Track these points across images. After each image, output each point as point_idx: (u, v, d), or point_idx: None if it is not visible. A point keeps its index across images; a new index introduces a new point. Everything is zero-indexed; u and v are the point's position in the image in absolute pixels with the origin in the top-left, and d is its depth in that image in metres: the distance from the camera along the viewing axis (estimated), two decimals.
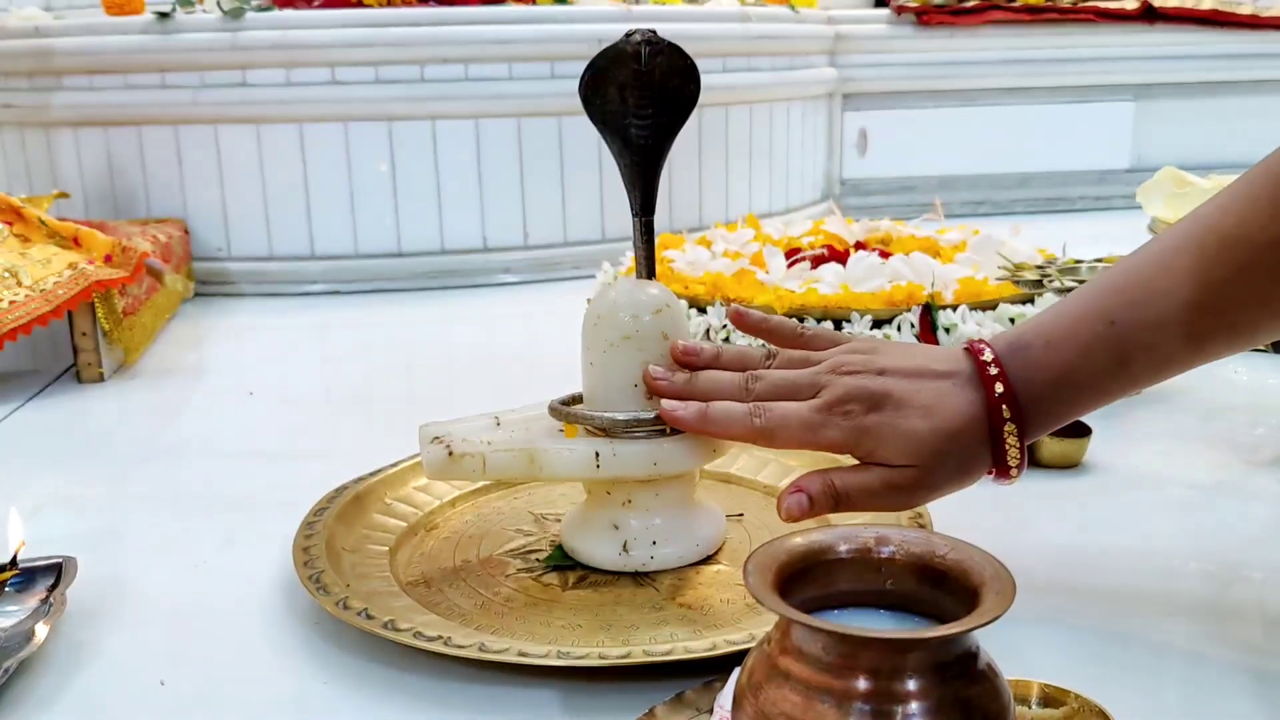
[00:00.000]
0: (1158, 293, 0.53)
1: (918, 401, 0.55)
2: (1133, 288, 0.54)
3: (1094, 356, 0.54)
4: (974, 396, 0.55)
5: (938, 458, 0.55)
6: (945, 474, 0.55)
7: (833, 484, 0.55)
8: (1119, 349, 0.54)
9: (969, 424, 0.55)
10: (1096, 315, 0.54)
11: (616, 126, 0.61)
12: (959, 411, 0.55)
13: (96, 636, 0.58)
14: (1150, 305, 0.53)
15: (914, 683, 0.33)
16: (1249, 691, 0.51)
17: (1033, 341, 0.55)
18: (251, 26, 1.48)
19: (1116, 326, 0.54)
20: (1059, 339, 0.55)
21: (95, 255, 1.12)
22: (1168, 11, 2.14)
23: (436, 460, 0.60)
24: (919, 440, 0.54)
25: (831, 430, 0.55)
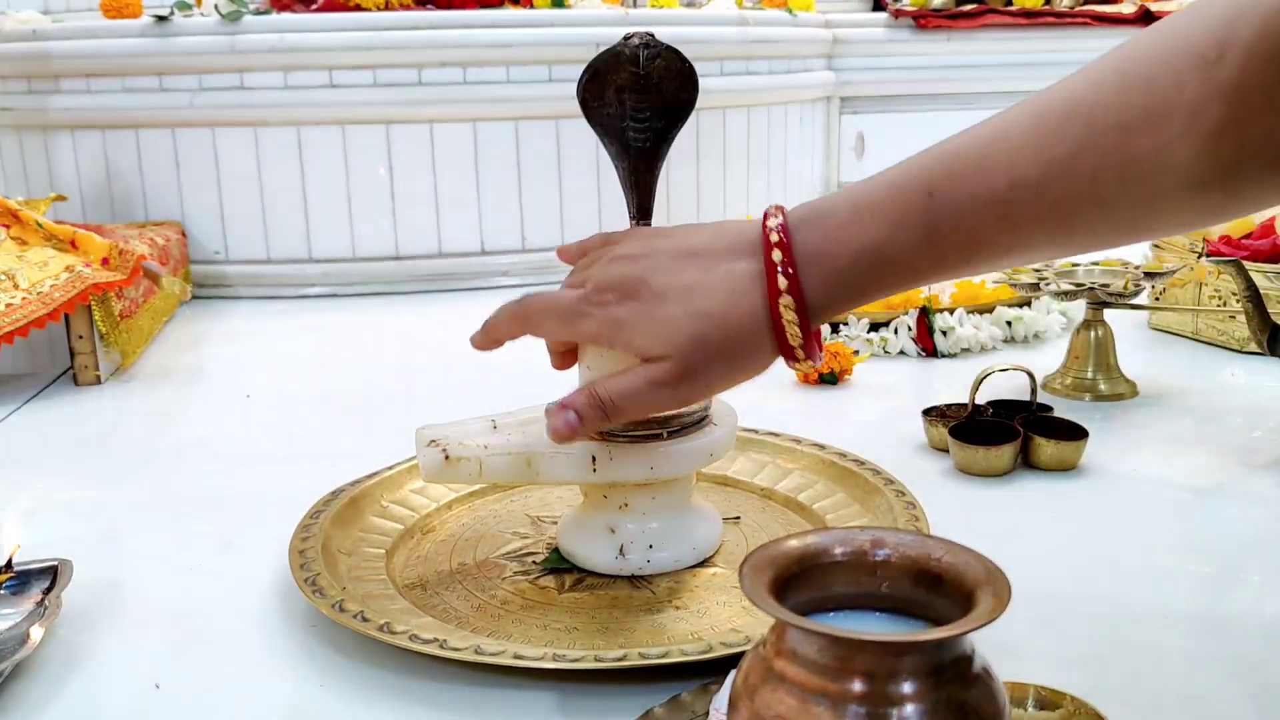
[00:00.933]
0: (984, 162, 0.48)
1: (677, 283, 0.51)
2: (958, 159, 0.49)
3: (905, 230, 0.49)
4: (747, 269, 0.50)
5: (696, 343, 0.50)
6: (710, 360, 0.50)
7: (596, 394, 0.52)
8: (931, 222, 0.48)
9: (736, 301, 0.50)
10: (918, 184, 0.49)
11: (614, 130, 0.61)
12: (724, 288, 0.50)
13: (92, 639, 0.58)
14: (973, 175, 0.48)
15: (909, 685, 0.33)
16: (1245, 695, 0.51)
17: (837, 208, 0.50)
18: (249, 30, 1.48)
19: (935, 199, 0.48)
20: (868, 208, 0.49)
21: (92, 258, 1.11)
22: (1164, 16, 2.14)
23: (433, 464, 0.60)
24: (672, 326, 0.50)
25: (587, 322, 0.52)
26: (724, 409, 0.65)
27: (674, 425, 0.61)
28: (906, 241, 0.49)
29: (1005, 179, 0.47)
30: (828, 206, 0.51)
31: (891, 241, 0.49)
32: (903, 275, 0.50)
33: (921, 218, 0.48)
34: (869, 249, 0.49)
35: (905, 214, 0.49)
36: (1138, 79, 0.46)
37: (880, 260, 0.49)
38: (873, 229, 0.49)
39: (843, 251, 0.49)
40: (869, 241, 0.49)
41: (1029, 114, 0.48)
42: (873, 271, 0.50)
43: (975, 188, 0.48)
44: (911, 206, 0.48)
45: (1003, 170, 0.47)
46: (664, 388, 0.51)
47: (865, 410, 0.97)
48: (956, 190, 0.48)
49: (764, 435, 0.79)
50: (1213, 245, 1.15)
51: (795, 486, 0.74)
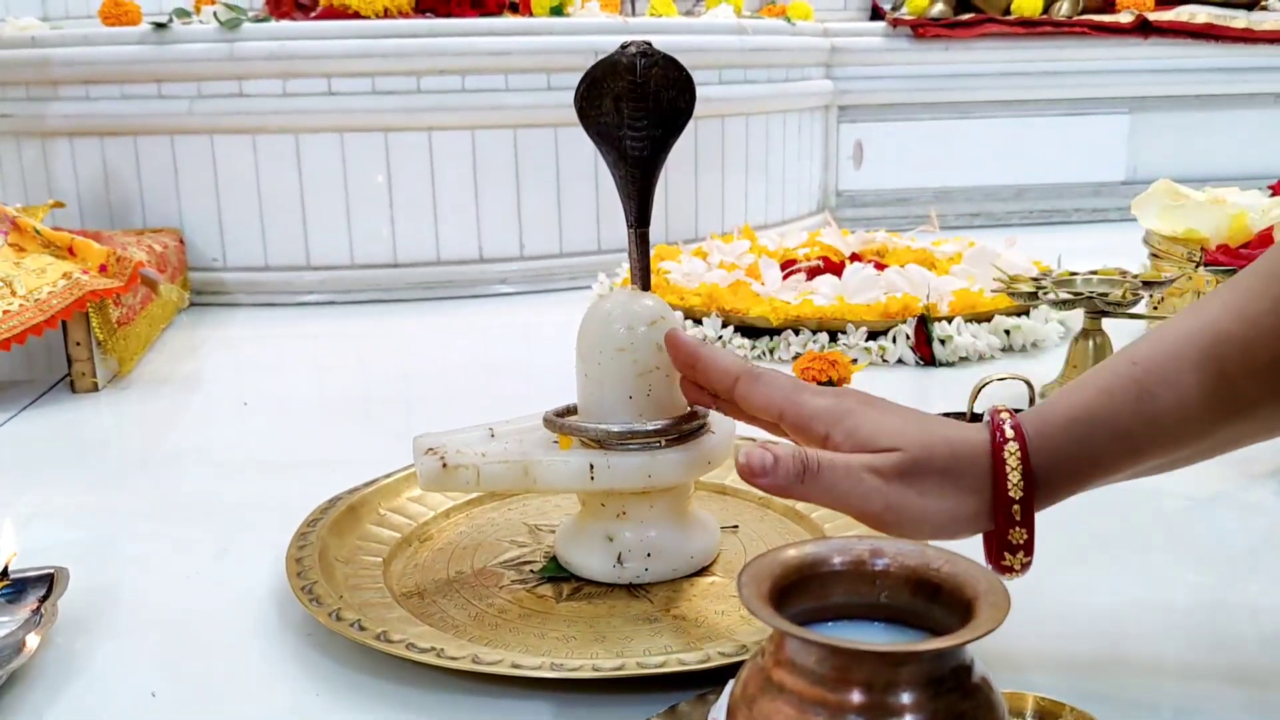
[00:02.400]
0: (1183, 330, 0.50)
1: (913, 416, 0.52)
2: (1159, 330, 0.52)
3: (1113, 396, 0.50)
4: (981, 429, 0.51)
5: (926, 450, 0.49)
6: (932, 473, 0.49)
7: (805, 452, 0.49)
8: (1139, 386, 0.49)
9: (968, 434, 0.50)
10: (1123, 358, 0.51)
11: (612, 138, 0.61)
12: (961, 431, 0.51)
13: (88, 647, 0.58)
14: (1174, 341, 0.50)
15: (908, 696, 0.33)
16: (1243, 704, 0.51)
17: (1054, 398, 0.52)
18: (248, 37, 1.49)
19: (1138, 365, 0.50)
20: (1077, 385, 0.52)
21: (90, 265, 1.11)
22: (1162, 25, 2.15)
23: (431, 472, 0.60)
24: (905, 426, 0.50)
25: (815, 398, 0.52)
26: (721, 418, 0.65)
27: (672, 433, 0.60)
28: (1117, 405, 0.50)
29: (1209, 338, 0.49)
30: (1046, 400, 0.52)
31: (1103, 406, 0.50)
32: (1121, 442, 0.50)
33: (1129, 382, 0.50)
34: (1081, 414, 0.50)
35: (1112, 380, 0.50)
36: None
37: (1092, 424, 0.50)
38: (1081, 396, 0.51)
39: (1057, 418, 0.50)
40: (1080, 407, 0.50)
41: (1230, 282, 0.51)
42: (1089, 436, 0.50)
43: (1178, 349, 0.50)
44: (1118, 374, 0.50)
45: (1204, 332, 0.49)
46: (878, 476, 0.49)
47: None
48: (1159, 353, 0.50)
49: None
50: (1211, 254, 1.15)
51: None
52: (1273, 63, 2.19)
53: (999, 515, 0.49)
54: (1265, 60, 2.18)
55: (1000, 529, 0.49)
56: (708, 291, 1.24)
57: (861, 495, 0.49)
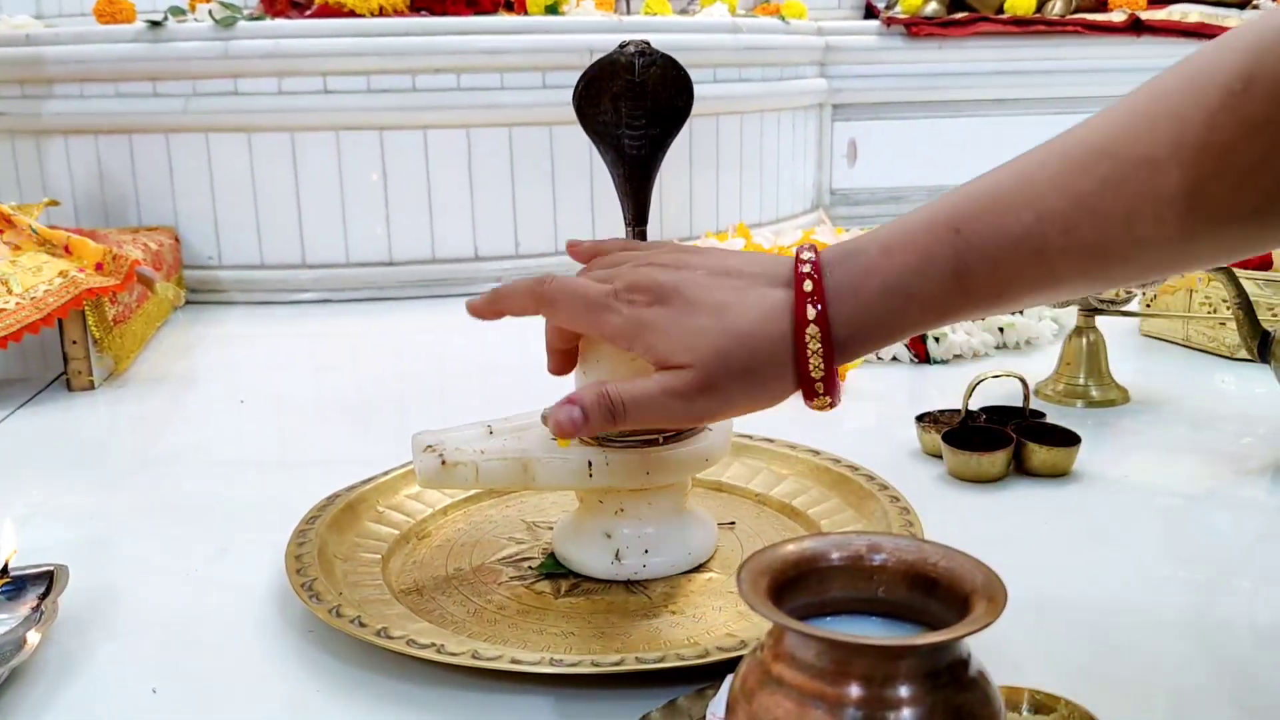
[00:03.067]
0: (1012, 199, 0.47)
1: (710, 299, 0.50)
2: (986, 196, 0.48)
3: (933, 265, 0.48)
4: (779, 297, 0.49)
5: (720, 358, 0.49)
6: (731, 379, 0.49)
7: (607, 393, 0.50)
8: (959, 258, 0.47)
9: (765, 325, 0.49)
10: (943, 222, 0.48)
11: (610, 137, 0.62)
12: (756, 310, 0.49)
13: (88, 645, 0.58)
14: (1001, 214, 0.47)
15: (906, 689, 0.33)
16: (1237, 700, 0.51)
17: (866, 247, 0.50)
18: (243, 35, 1.49)
19: (961, 234, 0.47)
20: (896, 245, 0.49)
21: (86, 263, 1.11)
22: (1155, 25, 2.15)
23: (429, 469, 0.60)
24: (699, 336, 0.49)
25: (612, 317, 0.51)
26: None
27: (670, 431, 0.61)
28: (934, 276, 0.48)
29: (1032, 214, 0.47)
30: (859, 246, 0.50)
31: (920, 275, 0.48)
32: (932, 312, 0.49)
33: (949, 253, 0.48)
34: (896, 285, 0.48)
35: (932, 249, 0.48)
36: (1165, 114, 0.46)
37: (908, 296, 0.48)
38: (899, 264, 0.48)
39: (871, 287, 0.49)
40: (896, 277, 0.48)
41: (1056, 151, 0.48)
42: (901, 308, 0.49)
43: (1003, 222, 0.47)
44: (939, 241, 0.48)
45: (1029, 206, 0.47)
46: (679, 398, 0.49)
47: (859, 416, 0.98)
48: (983, 226, 0.47)
49: (758, 441, 0.80)
50: None
51: (790, 492, 0.74)
52: None
53: (802, 386, 0.51)
54: None
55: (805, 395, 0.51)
56: None
57: (668, 418, 0.50)
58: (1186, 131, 0.44)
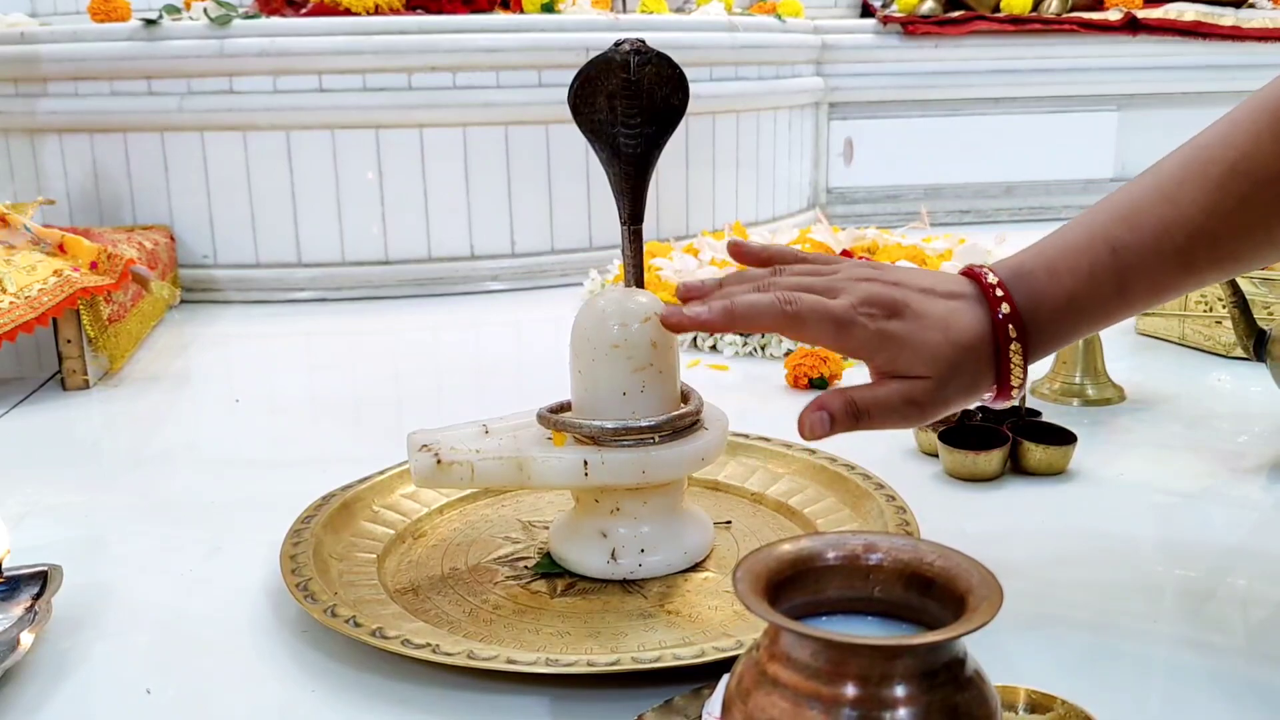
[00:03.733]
0: (1161, 221, 0.54)
1: (934, 314, 0.55)
2: (1136, 215, 0.55)
3: (1096, 284, 0.55)
4: (981, 314, 0.55)
5: (953, 370, 0.54)
6: (957, 388, 0.55)
7: (853, 401, 0.54)
8: (1120, 276, 0.55)
9: (979, 340, 0.55)
10: (1101, 242, 0.55)
11: (605, 135, 0.62)
12: (970, 327, 0.55)
13: (82, 645, 0.58)
14: (1153, 233, 0.54)
15: (902, 689, 0.33)
16: (1232, 697, 0.51)
17: (1034, 268, 0.56)
18: (238, 34, 1.48)
19: (1118, 254, 0.55)
20: (1062, 267, 0.56)
21: (81, 262, 1.11)
22: (1151, 23, 2.15)
23: (425, 468, 0.60)
24: (937, 350, 0.54)
25: (859, 330, 0.54)
26: (715, 413, 0.65)
27: (666, 429, 0.61)
28: (1099, 294, 0.55)
29: (1183, 234, 0.54)
30: (1026, 267, 0.57)
31: (1087, 295, 0.55)
32: (1099, 321, 0.57)
33: (1110, 274, 0.55)
34: (1069, 305, 0.56)
35: (1095, 272, 0.55)
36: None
37: (1078, 311, 0.56)
38: (1068, 287, 0.55)
39: (1048, 309, 0.55)
40: (1067, 298, 0.55)
41: (1195, 170, 0.55)
42: (1073, 320, 0.56)
43: (1158, 244, 0.54)
44: (1100, 264, 0.55)
45: (1180, 226, 0.54)
46: (915, 405, 0.55)
47: None
48: (1139, 246, 0.55)
49: (754, 440, 0.80)
50: None
51: (786, 491, 0.74)
52: (1260, 60, 2.20)
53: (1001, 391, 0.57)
54: (1253, 58, 2.19)
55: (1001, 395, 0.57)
56: None
57: (906, 422, 0.56)
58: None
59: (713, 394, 0.67)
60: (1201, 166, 0.54)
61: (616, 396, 0.60)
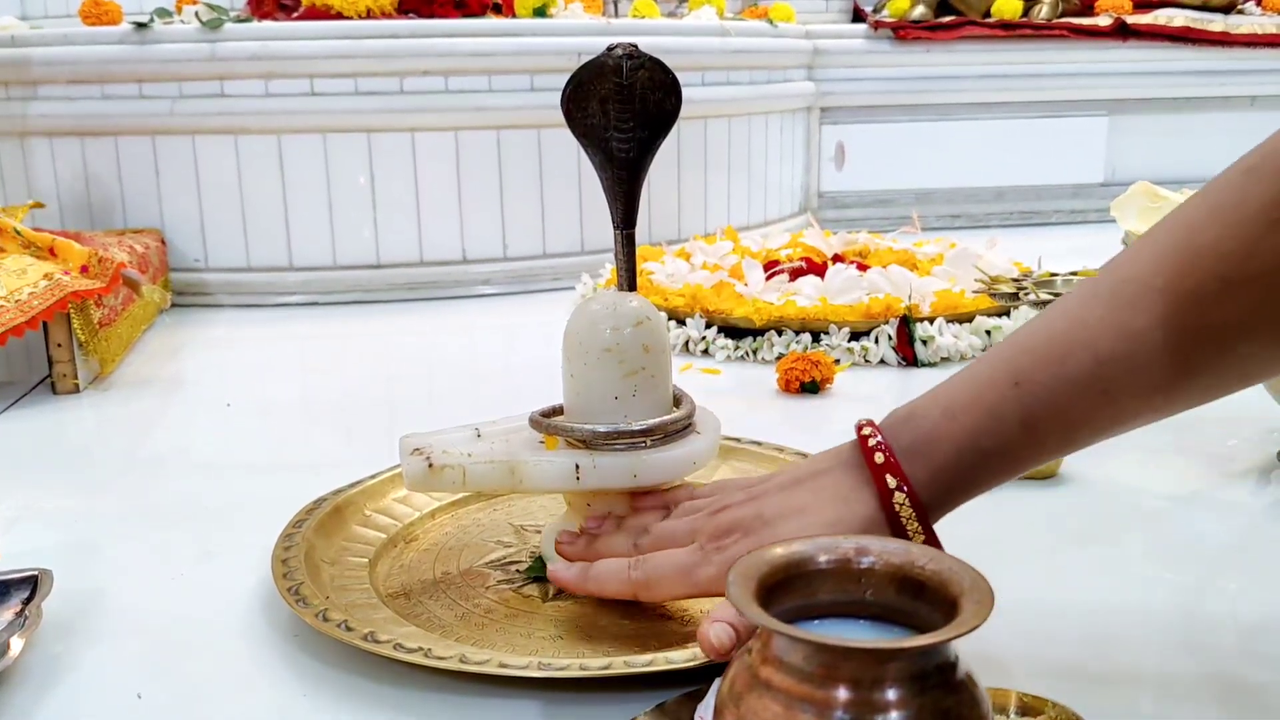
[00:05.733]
0: (1069, 349, 0.48)
1: (789, 507, 0.52)
2: (1041, 345, 0.49)
3: (999, 421, 0.49)
4: (855, 479, 0.52)
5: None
6: None
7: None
8: (1025, 411, 0.49)
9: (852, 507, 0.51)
10: (1003, 377, 0.49)
11: (598, 140, 0.62)
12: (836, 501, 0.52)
13: (73, 650, 0.58)
14: (1060, 362, 0.48)
15: (894, 692, 0.33)
16: (1222, 701, 0.51)
17: (927, 411, 0.52)
18: (230, 37, 1.48)
19: (1022, 387, 0.49)
20: (959, 406, 0.50)
21: (71, 266, 1.11)
22: (1141, 29, 2.16)
23: (417, 472, 0.60)
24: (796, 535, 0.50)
25: (707, 568, 0.53)
26: (707, 417, 0.65)
27: (658, 433, 0.61)
28: (1004, 432, 0.49)
29: (1091, 357, 0.48)
30: (917, 410, 0.52)
31: (990, 434, 0.49)
32: (1006, 464, 0.50)
33: (1014, 407, 0.49)
34: (967, 445, 0.50)
35: (997, 406, 0.49)
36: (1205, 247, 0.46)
37: (980, 453, 0.50)
38: (967, 425, 0.50)
39: (942, 450, 0.50)
40: (966, 437, 0.50)
41: (1104, 290, 0.49)
42: (975, 465, 0.50)
43: (1063, 369, 0.48)
44: (1002, 398, 0.49)
45: (1087, 348, 0.48)
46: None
47: (847, 419, 0.97)
48: (1044, 376, 0.48)
49: (746, 444, 0.80)
50: None
51: None
52: (1249, 65, 2.21)
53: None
54: (1242, 63, 2.21)
55: None
56: (691, 292, 1.24)
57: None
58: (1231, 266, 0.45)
59: (705, 398, 0.67)
60: (1111, 285, 0.49)
61: (609, 400, 0.61)
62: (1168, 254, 0.47)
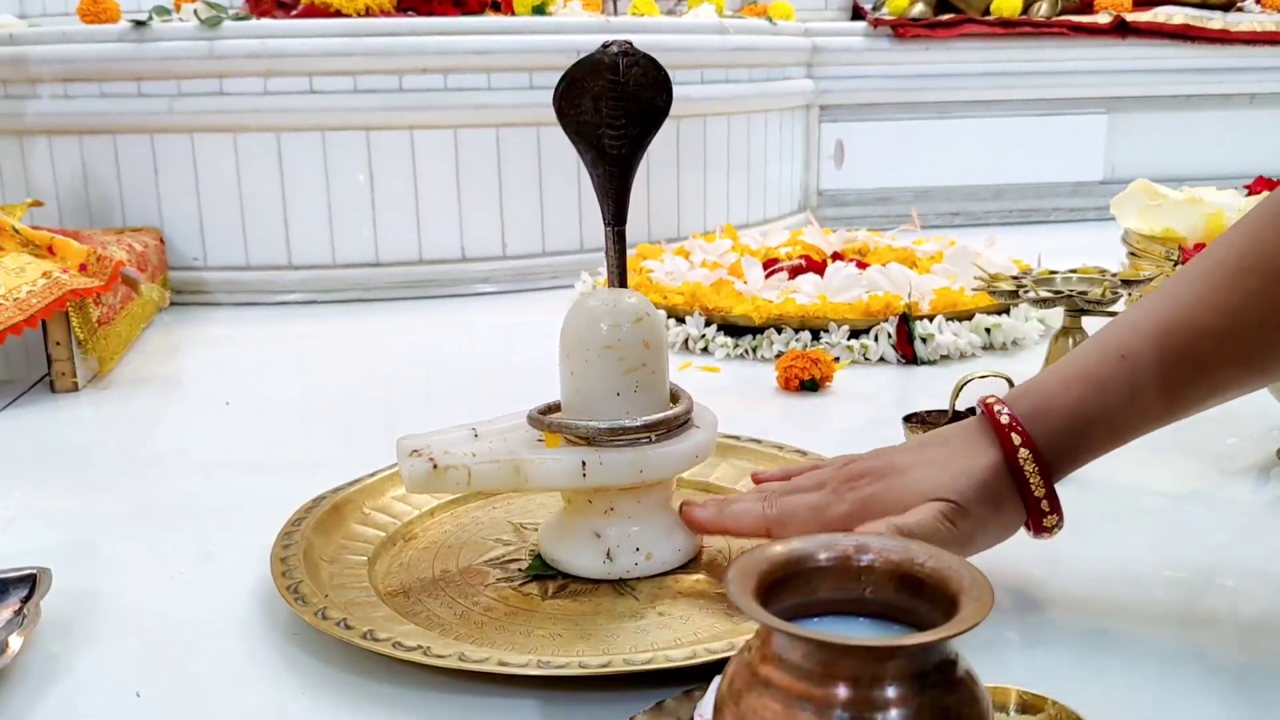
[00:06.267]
0: (1164, 322, 0.54)
1: (921, 460, 0.56)
2: (1144, 320, 0.55)
3: (1107, 391, 0.54)
4: (982, 438, 0.56)
5: (960, 492, 0.54)
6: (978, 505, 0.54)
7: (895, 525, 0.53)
8: (1130, 382, 0.54)
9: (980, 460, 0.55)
10: (1112, 351, 0.55)
11: (590, 137, 0.62)
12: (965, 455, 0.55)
13: (71, 649, 0.58)
14: (1155, 334, 0.53)
15: (893, 690, 0.33)
16: (1222, 697, 0.51)
17: (1044, 381, 0.56)
18: (229, 35, 1.48)
19: (1128, 360, 0.54)
20: (1073, 376, 0.55)
21: (70, 264, 1.11)
22: (1140, 26, 2.16)
23: (419, 473, 0.60)
24: (931, 480, 0.55)
25: (839, 505, 0.56)
26: (704, 413, 0.65)
27: (659, 429, 0.61)
28: (1111, 402, 0.54)
29: (1191, 332, 0.53)
30: (1036, 383, 0.57)
31: (1097, 403, 0.54)
32: (1116, 431, 0.55)
33: (1120, 379, 0.54)
34: (1077, 412, 0.55)
35: (1105, 377, 0.54)
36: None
37: (1089, 420, 0.55)
38: (1078, 395, 0.55)
39: (1057, 415, 0.55)
40: (1075, 405, 0.55)
41: (1199, 271, 0.54)
42: (1086, 431, 0.55)
43: (1162, 344, 0.53)
44: (1110, 371, 0.54)
45: (1187, 325, 0.53)
46: (948, 522, 0.53)
47: (846, 416, 0.98)
48: (1147, 348, 0.54)
49: (746, 442, 0.80)
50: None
51: None
52: (1248, 63, 2.21)
53: (1032, 513, 0.56)
54: (1241, 61, 2.21)
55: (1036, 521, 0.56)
56: (690, 290, 1.24)
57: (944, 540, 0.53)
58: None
59: (704, 396, 0.67)
60: (1208, 265, 0.54)
61: (610, 397, 0.61)
62: (1256, 234, 0.52)
